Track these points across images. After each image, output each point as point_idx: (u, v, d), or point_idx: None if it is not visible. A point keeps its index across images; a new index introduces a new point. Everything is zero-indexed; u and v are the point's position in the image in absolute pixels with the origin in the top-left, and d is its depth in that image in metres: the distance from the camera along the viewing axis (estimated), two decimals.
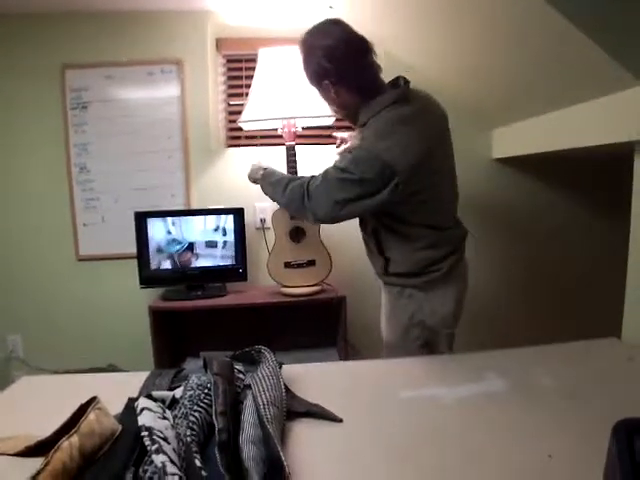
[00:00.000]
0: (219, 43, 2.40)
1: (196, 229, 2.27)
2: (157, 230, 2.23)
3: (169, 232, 2.24)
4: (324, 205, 1.32)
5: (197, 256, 2.27)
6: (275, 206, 2.04)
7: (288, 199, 1.42)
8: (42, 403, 1.08)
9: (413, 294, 1.44)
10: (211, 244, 2.28)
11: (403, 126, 1.30)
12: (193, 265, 2.26)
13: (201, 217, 2.27)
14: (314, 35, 1.36)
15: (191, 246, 2.26)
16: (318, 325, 2.32)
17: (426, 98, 1.43)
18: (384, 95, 1.34)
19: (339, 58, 1.32)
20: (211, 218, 2.26)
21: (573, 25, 1.19)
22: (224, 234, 2.27)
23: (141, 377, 1.13)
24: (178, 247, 2.25)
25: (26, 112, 2.30)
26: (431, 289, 1.42)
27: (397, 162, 1.25)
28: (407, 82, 1.39)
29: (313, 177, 1.37)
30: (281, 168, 2.00)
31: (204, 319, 2.28)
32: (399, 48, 2.19)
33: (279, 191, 1.44)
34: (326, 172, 1.35)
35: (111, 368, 2.19)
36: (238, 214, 2.26)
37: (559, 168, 2.41)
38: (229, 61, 2.46)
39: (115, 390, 0.97)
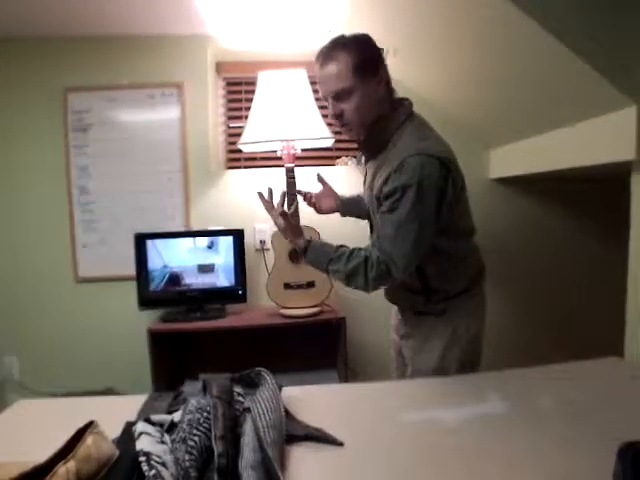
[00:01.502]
0: (219, 67, 2.44)
1: (187, 252, 2.23)
2: (152, 253, 2.21)
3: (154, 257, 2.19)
4: (411, 244, 1.20)
5: (189, 286, 2.24)
6: (274, 227, 2.04)
7: (361, 283, 1.26)
8: (38, 427, 1.06)
9: (454, 314, 1.38)
10: (206, 269, 2.24)
11: (430, 129, 1.35)
12: (191, 287, 2.25)
13: (195, 238, 2.26)
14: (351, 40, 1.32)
15: (176, 277, 2.22)
16: (318, 347, 2.30)
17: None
18: (404, 106, 1.36)
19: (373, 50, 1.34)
20: (204, 239, 2.25)
21: (567, 48, 1.22)
22: (227, 256, 2.25)
23: (139, 401, 1.12)
24: (157, 282, 2.21)
25: (28, 134, 2.32)
26: (468, 307, 1.40)
27: (445, 155, 1.24)
28: (411, 103, 1.40)
29: (362, 249, 1.27)
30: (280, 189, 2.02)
31: (203, 341, 2.26)
32: (396, 70, 2.21)
33: (356, 281, 1.27)
34: (385, 221, 1.25)
35: (109, 391, 2.16)
36: (238, 235, 2.26)
37: (557, 187, 2.42)
38: (229, 84, 2.50)
39: (113, 414, 0.96)
